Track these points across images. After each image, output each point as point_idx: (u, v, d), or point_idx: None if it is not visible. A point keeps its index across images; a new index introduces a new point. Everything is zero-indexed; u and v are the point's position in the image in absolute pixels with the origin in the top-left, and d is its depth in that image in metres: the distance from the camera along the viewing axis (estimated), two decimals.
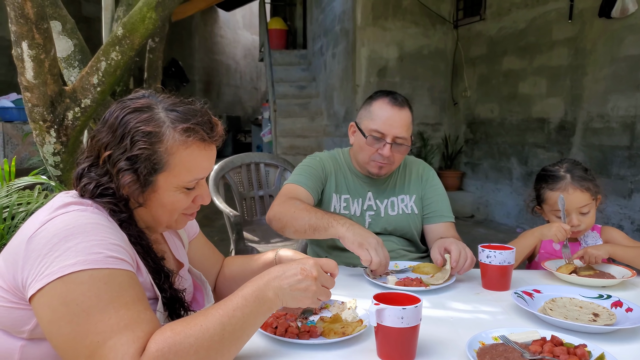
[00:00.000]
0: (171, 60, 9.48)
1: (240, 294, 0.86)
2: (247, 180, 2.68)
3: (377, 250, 1.35)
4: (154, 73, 3.39)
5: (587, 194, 1.60)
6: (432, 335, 1.04)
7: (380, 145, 1.65)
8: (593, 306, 1.19)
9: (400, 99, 1.68)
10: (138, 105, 0.93)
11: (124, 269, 0.82)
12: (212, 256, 1.29)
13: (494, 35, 5.65)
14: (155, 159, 0.91)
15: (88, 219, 0.84)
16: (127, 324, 0.77)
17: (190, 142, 0.93)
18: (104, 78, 2.23)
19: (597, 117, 4.42)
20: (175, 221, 1.01)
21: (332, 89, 7.06)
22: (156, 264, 0.96)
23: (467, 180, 6.25)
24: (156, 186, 0.93)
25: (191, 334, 0.78)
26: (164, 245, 1.09)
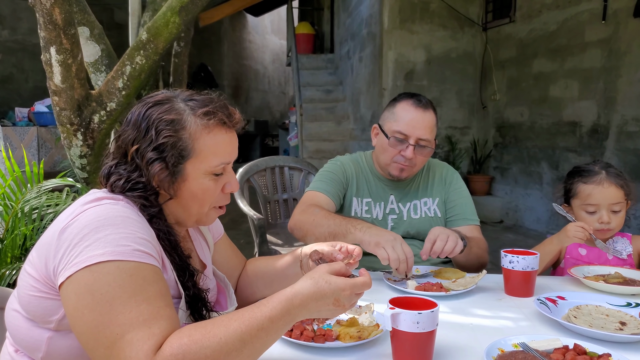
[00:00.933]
0: (200, 65, 9.65)
1: (267, 314, 0.82)
2: (272, 184, 2.70)
3: (394, 247, 1.33)
4: (180, 77, 3.46)
5: (621, 192, 1.56)
6: (450, 341, 1.03)
7: (403, 147, 1.64)
8: (620, 314, 1.15)
9: (424, 100, 1.67)
10: (158, 99, 0.98)
11: (149, 264, 0.84)
12: (235, 258, 1.30)
13: (524, 37, 5.54)
14: (181, 146, 0.93)
15: (119, 212, 0.87)
16: (145, 319, 0.78)
17: (212, 126, 0.96)
18: (128, 82, 2.29)
19: (632, 120, 4.29)
20: (205, 214, 1.02)
21: (358, 92, 7.06)
22: (182, 261, 0.97)
23: (496, 184, 6.14)
24: (185, 174, 0.95)
25: (208, 346, 0.77)
26: (190, 244, 1.10)
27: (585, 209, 1.58)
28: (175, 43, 3.41)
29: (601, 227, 1.55)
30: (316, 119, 7.37)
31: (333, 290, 0.85)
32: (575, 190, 1.62)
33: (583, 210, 1.59)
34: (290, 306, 0.84)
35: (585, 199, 1.58)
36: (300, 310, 0.84)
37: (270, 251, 2.44)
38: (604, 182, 1.56)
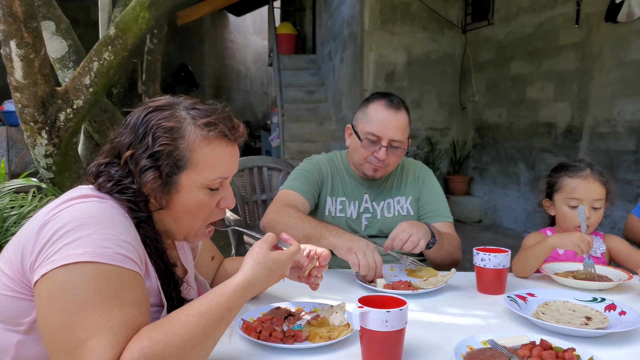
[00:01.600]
0: (181, 65, 9.56)
1: (226, 306, 0.83)
2: (250, 184, 2.69)
3: (365, 253, 1.36)
4: (153, 75, 3.41)
5: (604, 189, 1.59)
6: (421, 339, 1.03)
7: (376, 149, 1.65)
8: (586, 309, 1.18)
9: (396, 101, 1.67)
10: (159, 104, 0.94)
11: (130, 269, 0.81)
12: (214, 257, 1.30)
13: (502, 40, 5.63)
14: (178, 155, 0.90)
15: (105, 211, 0.84)
16: (114, 325, 0.75)
17: (212, 138, 0.92)
18: (96, 79, 2.22)
19: (604, 121, 4.38)
20: (195, 232, 0.99)
21: (340, 93, 7.08)
22: (168, 270, 0.94)
23: (475, 185, 6.22)
24: (179, 186, 0.92)
25: (171, 345, 0.75)
26: (175, 252, 1.08)
27: (568, 202, 1.60)
28: (148, 40, 3.36)
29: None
30: (298, 120, 7.37)
31: (280, 267, 0.94)
32: (560, 184, 1.63)
33: (566, 204, 1.61)
34: (246, 293, 0.87)
35: (570, 193, 1.59)
36: (252, 292, 0.89)
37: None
38: (589, 178, 1.58)
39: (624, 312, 1.15)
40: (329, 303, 1.19)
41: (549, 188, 1.68)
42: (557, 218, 1.67)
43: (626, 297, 1.34)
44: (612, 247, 1.63)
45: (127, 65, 3.23)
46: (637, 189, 4.08)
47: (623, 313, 1.15)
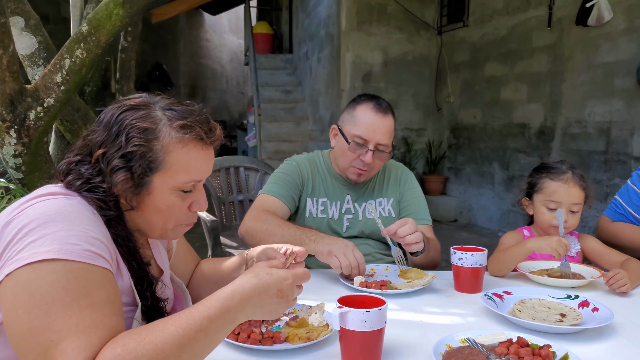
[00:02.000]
0: (155, 64, 9.42)
1: (206, 313, 0.77)
2: (226, 185, 2.66)
3: (346, 254, 1.37)
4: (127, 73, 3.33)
5: (583, 194, 1.61)
6: (400, 339, 1.04)
7: (363, 152, 1.64)
8: (561, 307, 1.20)
9: (384, 104, 1.67)
10: (134, 103, 0.92)
11: (100, 266, 0.78)
12: (190, 258, 1.27)
13: (476, 41, 5.71)
14: (151, 157, 0.88)
15: (73, 207, 0.81)
16: (86, 327, 0.72)
17: (187, 141, 0.90)
18: (68, 77, 2.16)
19: (575, 122, 4.49)
20: (171, 230, 0.97)
21: (317, 93, 7.08)
22: (141, 269, 0.92)
23: (451, 185, 6.30)
24: (151, 187, 0.89)
25: (144, 354, 0.72)
26: (149, 251, 1.05)
27: (548, 205, 1.62)
28: (122, 37, 3.29)
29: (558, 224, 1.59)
30: (275, 120, 7.34)
31: (275, 280, 0.84)
32: (541, 186, 1.65)
33: (545, 205, 1.63)
34: (231, 302, 0.80)
35: (550, 195, 1.61)
36: (243, 306, 0.81)
37: (224, 254, 2.41)
38: (569, 182, 1.60)
39: (596, 309, 1.18)
40: (307, 304, 1.18)
41: (530, 188, 1.70)
42: (535, 218, 1.69)
43: (598, 294, 1.36)
44: (586, 247, 1.66)
45: (100, 64, 3.16)
46: (607, 189, 4.19)
47: (596, 309, 1.18)
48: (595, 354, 0.99)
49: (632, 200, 1.81)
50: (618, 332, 1.10)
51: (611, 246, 1.66)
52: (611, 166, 4.16)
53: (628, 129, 4.00)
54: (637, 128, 3.93)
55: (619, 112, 4.06)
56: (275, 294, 0.83)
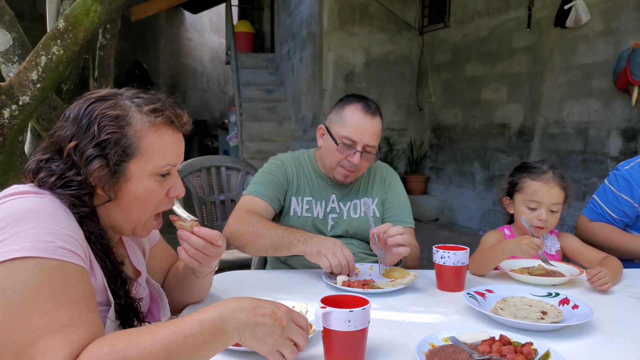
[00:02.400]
0: (135, 63, 9.31)
1: (197, 318, 0.77)
2: (208, 185, 2.63)
3: (335, 253, 1.37)
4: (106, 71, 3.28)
5: (563, 193, 1.62)
6: (383, 338, 1.03)
7: (350, 153, 1.63)
8: (542, 304, 1.21)
9: (373, 106, 1.67)
10: (101, 95, 0.92)
11: (74, 263, 0.77)
12: (168, 260, 1.26)
13: (457, 42, 5.76)
14: (126, 143, 0.88)
15: (44, 205, 0.80)
16: (64, 325, 0.71)
17: (159, 124, 0.92)
18: (44, 74, 2.12)
19: (554, 122, 4.56)
20: (144, 223, 0.97)
21: (299, 93, 7.07)
22: (114, 267, 0.91)
23: (432, 184, 6.34)
24: (128, 175, 0.90)
25: (131, 356, 0.71)
26: (123, 250, 1.04)
27: (528, 204, 1.63)
28: (101, 35, 3.23)
29: (538, 224, 1.61)
30: (257, 119, 7.31)
31: (272, 303, 0.83)
32: (522, 185, 1.65)
33: (525, 205, 1.64)
34: (224, 309, 0.79)
35: (530, 195, 1.62)
36: (234, 314, 0.79)
37: None
38: (550, 182, 1.61)
39: (576, 306, 1.19)
40: (291, 304, 1.17)
41: (511, 187, 1.71)
42: (516, 217, 1.70)
43: (578, 291, 1.38)
44: (566, 245, 1.68)
45: (78, 61, 3.10)
46: (585, 188, 4.26)
47: (576, 307, 1.19)
48: (576, 351, 1.00)
49: (609, 199, 1.84)
50: (597, 328, 1.11)
51: (589, 245, 1.68)
52: (589, 166, 4.23)
53: (605, 129, 4.07)
54: (613, 128, 4.01)
55: (596, 112, 4.13)
56: (270, 314, 0.81)
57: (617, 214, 1.83)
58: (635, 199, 1.79)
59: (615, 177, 1.85)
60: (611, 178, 1.87)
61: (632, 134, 3.84)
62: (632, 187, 1.79)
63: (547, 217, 1.60)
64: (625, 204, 1.81)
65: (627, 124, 3.88)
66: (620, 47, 3.83)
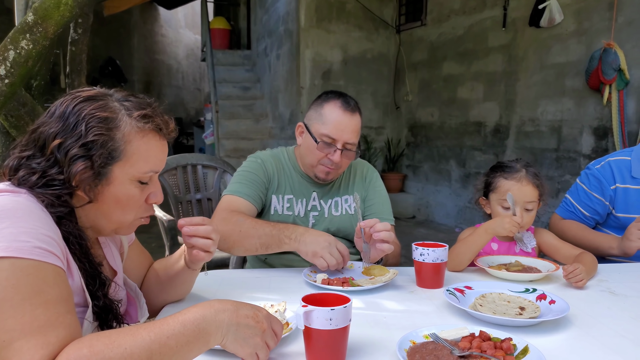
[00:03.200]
0: (108, 59, 9.12)
1: (180, 319, 0.77)
2: (183, 183, 2.59)
3: (331, 252, 1.38)
4: (78, 67, 3.19)
5: (536, 192, 1.63)
6: (364, 336, 1.03)
7: (331, 151, 1.62)
8: (520, 300, 1.22)
9: (352, 103, 1.65)
10: (90, 94, 0.91)
11: (51, 263, 0.75)
12: (144, 261, 1.23)
13: (434, 40, 5.81)
14: (112, 147, 0.87)
15: (20, 204, 0.78)
16: (41, 326, 0.70)
17: (147, 131, 0.91)
18: (12, 69, 2.05)
19: (529, 121, 4.64)
20: (128, 224, 0.96)
21: (277, 90, 7.03)
22: (93, 268, 0.89)
23: (409, 182, 6.39)
24: (111, 178, 0.89)
25: (111, 357, 0.70)
26: (100, 251, 1.02)
27: (502, 204, 1.64)
28: (72, 29, 3.14)
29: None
30: (233, 117, 7.24)
31: (252, 306, 0.85)
32: (496, 185, 1.66)
33: (500, 205, 1.65)
34: (207, 310, 0.79)
35: (504, 194, 1.63)
36: (217, 315, 0.79)
37: None
38: (522, 180, 1.62)
39: (553, 301, 1.20)
40: (269, 302, 1.15)
41: (486, 187, 1.72)
42: (493, 217, 1.71)
43: (554, 286, 1.40)
44: (542, 242, 1.70)
45: (48, 56, 3.01)
46: (558, 185, 4.35)
47: (553, 302, 1.20)
48: (554, 345, 1.01)
49: (581, 198, 1.88)
50: (574, 323, 1.13)
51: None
52: (562, 163, 4.32)
53: (578, 127, 4.16)
54: (585, 127, 4.10)
55: (569, 111, 4.22)
56: (252, 316, 0.83)
57: (588, 211, 1.87)
58: (606, 197, 1.83)
59: (587, 176, 1.89)
60: (583, 177, 1.91)
61: (604, 132, 3.94)
62: (603, 185, 1.82)
63: (521, 216, 1.60)
64: (597, 202, 1.85)
65: (599, 122, 3.97)
66: (593, 47, 3.92)
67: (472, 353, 0.92)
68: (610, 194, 1.81)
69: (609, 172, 1.82)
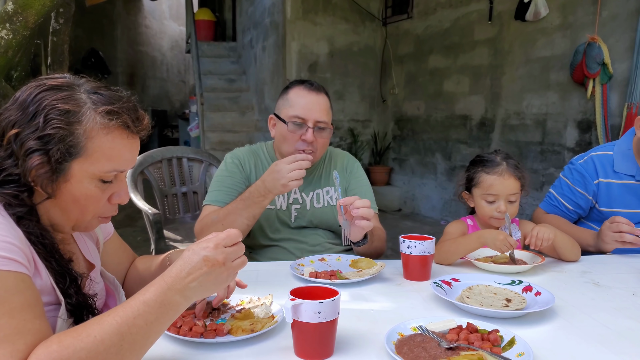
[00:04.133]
0: (90, 50, 8.97)
1: (141, 299, 0.76)
2: (169, 176, 2.56)
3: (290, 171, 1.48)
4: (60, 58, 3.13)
5: (518, 183, 1.65)
6: (351, 329, 1.02)
7: (303, 131, 1.63)
8: (506, 292, 1.23)
9: (315, 84, 1.69)
10: (56, 83, 0.85)
11: (14, 271, 0.72)
12: (123, 256, 1.21)
13: (420, 33, 5.81)
14: (72, 142, 0.82)
15: None
16: (7, 335, 0.68)
17: (113, 127, 0.85)
18: None
19: (514, 114, 4.67)
20: (87, 223, 0.91)
21: (262, 83, 6.98)
22: (61, 266, 0.86)
23: (395, 175, 6.41)
24: (69, 174, 0.83)
25: (82, 348, 0.69)
26: (73, 246, 0.99)
27: (486, 198, 1.66)
28: (53, 19, 3.07)
29: (498, 215, 1.63)
30: (219, 109, 7.18)
31: (197, 252, 0.81)
32: (478, 180, 1.68)
33: (483, 199, 1.67)
34: (164, 285, 0.78)
35: (487, 189, 1.65)
36: (173, 285, 0.79)
37: (168, 248, 2.32)
38: (504, 174, 1.63)
39: (539, 293, 1.21)
40: (256, 295, 1.15)
41: (468, 182, 1.73)
42: (476, 210, 1.73)
43: (540, 278, 1.41)
44: (526, 233, 1.72)
45: (29, 47, 2.94)
46: (543, 178, 4.40)
47: (538, 294, 1.21)
48: (540, 336, 1.02)
49: (564, 192, 1.90)
50: (559, 314, 1.14)
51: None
52: (547, 156, 4.36)
53: (562, 121, 4.20)
54: (570, 120, 4.14)
55: (554, 104, 4.25)
56: (204, 264, 0.80)
57: (572, 205, 1.89)
58: (589, 192, 1.84)
59: (570, 170, 1.90)
60: (566, 172, 1.93)
61: (587, 125, 3.98)
62: (586, 180, 1.84)
63: (505, 208, 1.62)
64: (580, 197, 1.87)
65: (583, 115, 4.01)
66: (577, 41, 3.95)
67: (460, 345, 0.92)
68: (593, 188, 1.83)
69: (592, 167, 1.84)
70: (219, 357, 0.90)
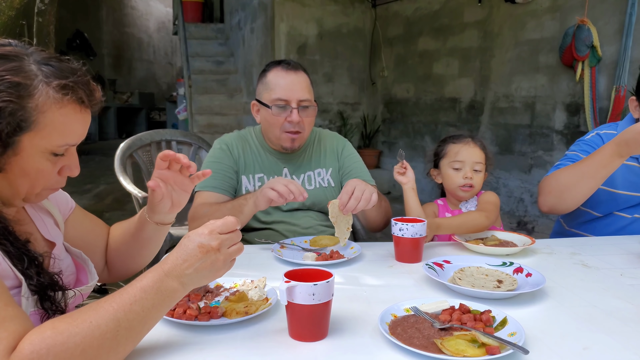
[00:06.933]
0: (76, 32, 8.79)
1: (138, 285, 0.77)
2: None
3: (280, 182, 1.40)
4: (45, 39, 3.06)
5: (483, 154, 1.74)
6: (345, 311, 1.03)
7: (287, 113, 1.63)
8: (497, 273, 1.24)
9: (292, 63, 1.67)
10: (3, 52, 0.80)
11: None
12: (94, 229, 1.18)
13: (410, 15, 5.76)
14: (22, 116, 0.79)
15: None
16: None
17: (67, 102, 0.83)
18: None
19: (503, 97, 4.68)
20: (36, 195, 0.89)
21: (251, 65, 6.90)
22: (16, 248, 0.84)
23: (384, 158, 6.41)
24: (19, 148, 0.81)
25: (77, 332, 0.68)
26: (29, 226, 0.96)
27: (453, 165, 1.73)
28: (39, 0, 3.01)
29: (465, 182, 1.70)
30: (207, 92, 7.09)
31: (192, 239, 0.82)
32: (445, 150, 1.77)
33: (450, 167, 1.74)
34: (161, 272, 0.79)
35: (454, 156, 1.73)
36: (170, 272, 0.79)
37: None
38: (470, 143, 1.74)
39: (529, 274, 1.23)
40: (249, 278, 1.15)
41: (436, 157, 1.82)
42: (444, 183, 1.80)
43: (530, 260, 1.43)
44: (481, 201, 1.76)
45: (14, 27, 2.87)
46: (531, 160, 4.43)
47: (529, 275, 1.23)
48: (531, 316, 1.03)
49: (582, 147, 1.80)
50: (549, 295, 1.15)
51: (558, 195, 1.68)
52: (535, 139, 4.39)
53: (551, 103, 4.22)
54: (558, 103, 4.16)
55: (543, 87, 4.27)
56: (199, 252, 0.81)
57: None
58: None
59: (578, 143, 1.83)
60: (573, 146, 1.82)
61: (576, 108, 4.00)
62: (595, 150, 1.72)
63: (471, 174, 1.70)
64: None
65: (571, 98, 4.03)
66: (566, 23, 3.95)
67: (453, 325, 0.93)
68: None
69: (600, 141, 1.82)
70: (213, 339, 0.90)
